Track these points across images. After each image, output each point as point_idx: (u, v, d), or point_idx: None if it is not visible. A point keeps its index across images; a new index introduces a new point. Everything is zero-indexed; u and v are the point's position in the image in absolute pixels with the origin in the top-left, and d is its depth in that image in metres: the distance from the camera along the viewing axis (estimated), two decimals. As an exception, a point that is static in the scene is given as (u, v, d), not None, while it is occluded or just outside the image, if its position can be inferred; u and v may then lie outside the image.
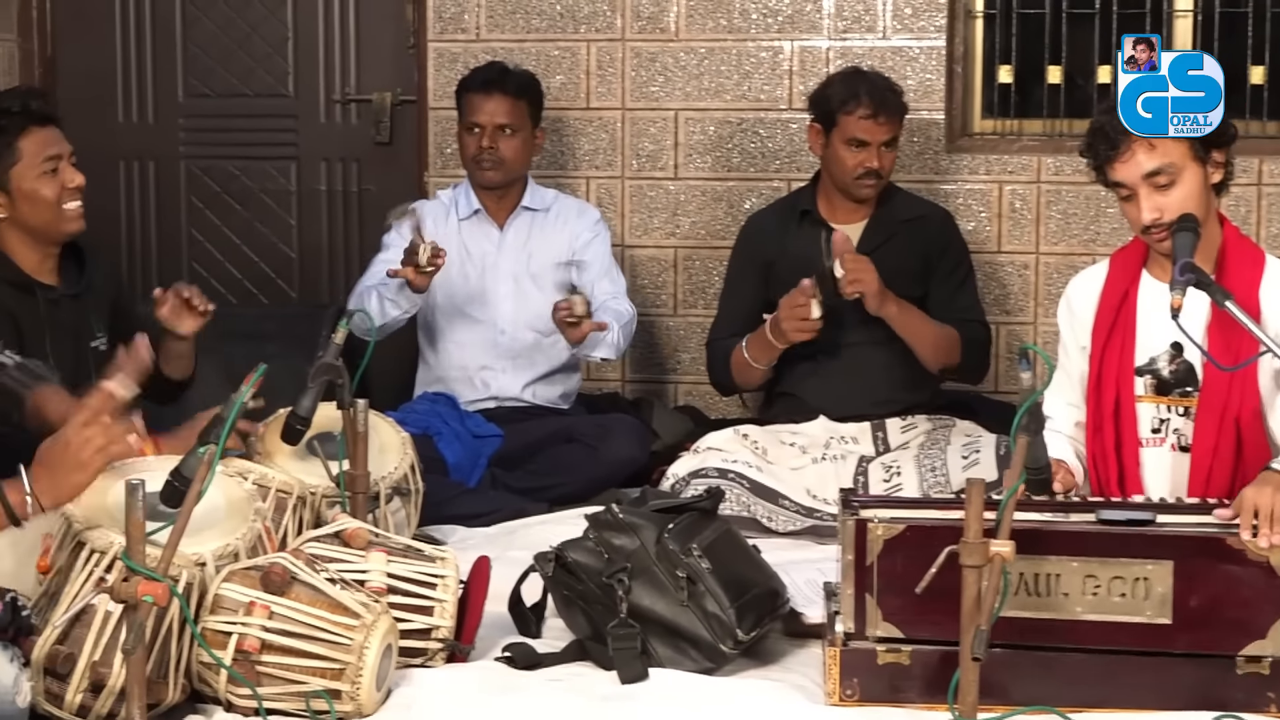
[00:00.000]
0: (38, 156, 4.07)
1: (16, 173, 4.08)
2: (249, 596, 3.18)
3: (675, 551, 3.47)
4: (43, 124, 4.12)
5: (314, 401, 3.77)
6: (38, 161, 4.07)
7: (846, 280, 4.55)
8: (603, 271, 5.17)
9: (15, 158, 4.07)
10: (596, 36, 5.65)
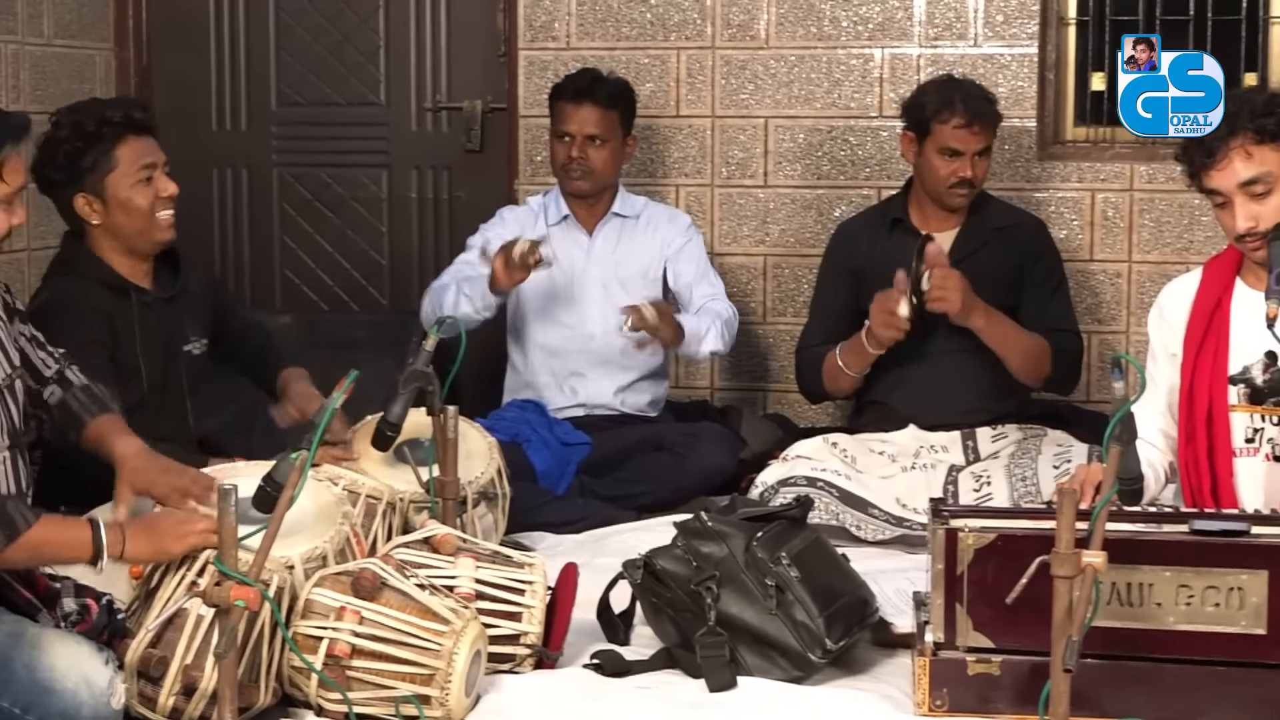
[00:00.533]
0: (133, 165, 4.11)
1: (112, 181, 4.12)
2: (340, 601, 3.20)
3: (764, 560, 3.46)
4: (140, 134, 4.16)
5: (405, 408, 3.79)
6: (133, 170, 4.11)
7: (930, 296, 4.53)
8: (699, 274, 5.17)
9: (111, 166, 4.11)
10: (687, 44, 5.65)
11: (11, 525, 3.03)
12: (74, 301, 4.06)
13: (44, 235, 5.55)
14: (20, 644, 3.04)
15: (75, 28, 5.79)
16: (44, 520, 3.11)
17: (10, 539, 3.03)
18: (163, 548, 3.19)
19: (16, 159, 3.24)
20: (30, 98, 5.53)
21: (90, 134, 4.12)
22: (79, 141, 4.13)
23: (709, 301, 5.08)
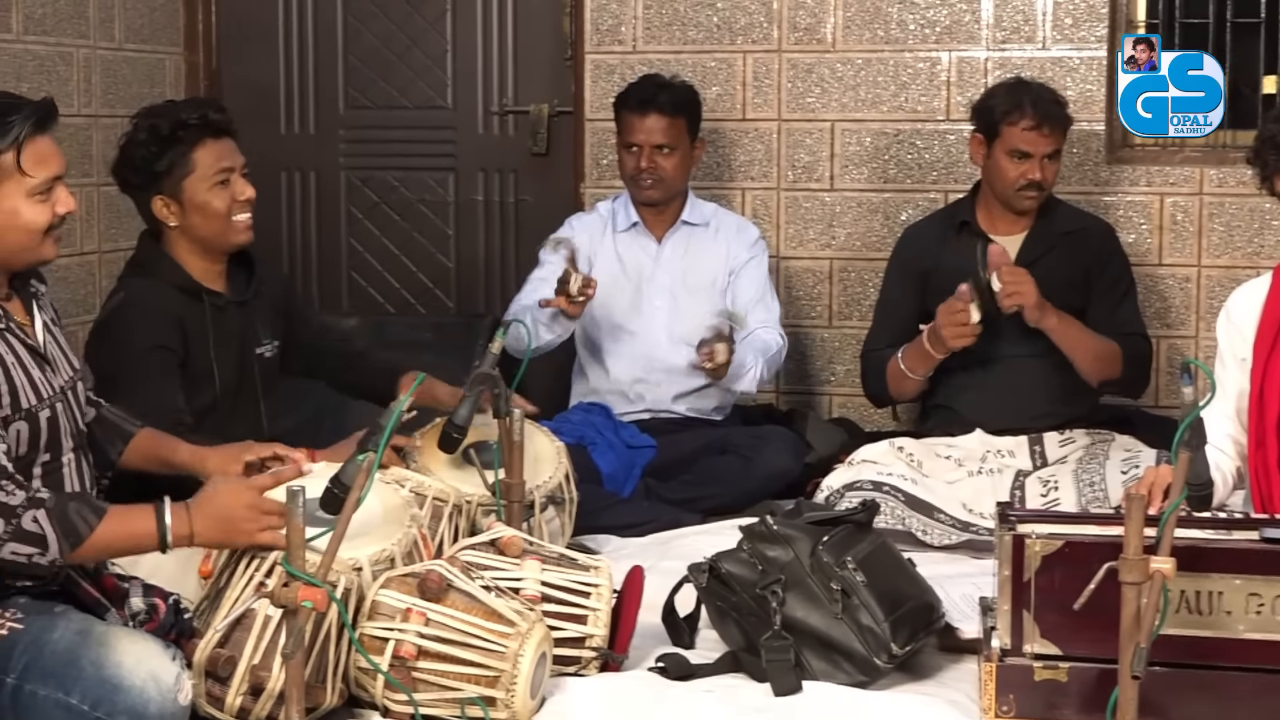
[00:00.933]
0: (211, 169, 4.13)
1: (189, 183, 4.13)
2: (406, 603, 3.21)
3: (830, 564, 3.46)
4: (218, 136, 4.17)
5: (471, 411, 3.81)
6: (210, 174, 4.12)
7: (1004, 293, 4.51)
8: (757, 297, 5.14)
9: (189, 169, 4.13)
10: (753, 48, 5.65)
11: (74, 531, 3.05)
12: (147, 304, 4.08)
13: (115, 237, 5.61)
14: (88, 641, 3.06)
15: (146, 32, 5.83)
16: (109, 516, 3.10)
17: (75, 545, 3.05)
18: (235, 535, 3.19)
19: (41, 146, 3.19)
20: (101, 101, 5.58)
21: (166, 137, 4.13)
22: (155, 145, 4.14)
23: (761, 329, 5.06)
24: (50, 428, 3.22)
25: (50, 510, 3.03)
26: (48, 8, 5.32)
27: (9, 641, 3.09)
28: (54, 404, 3.24)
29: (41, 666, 3.05)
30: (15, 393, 3.15)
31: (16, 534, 2.99)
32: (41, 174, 3.18)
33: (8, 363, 3.16)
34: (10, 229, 3.18)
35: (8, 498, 3.00)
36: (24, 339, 3.24)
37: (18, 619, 3.13)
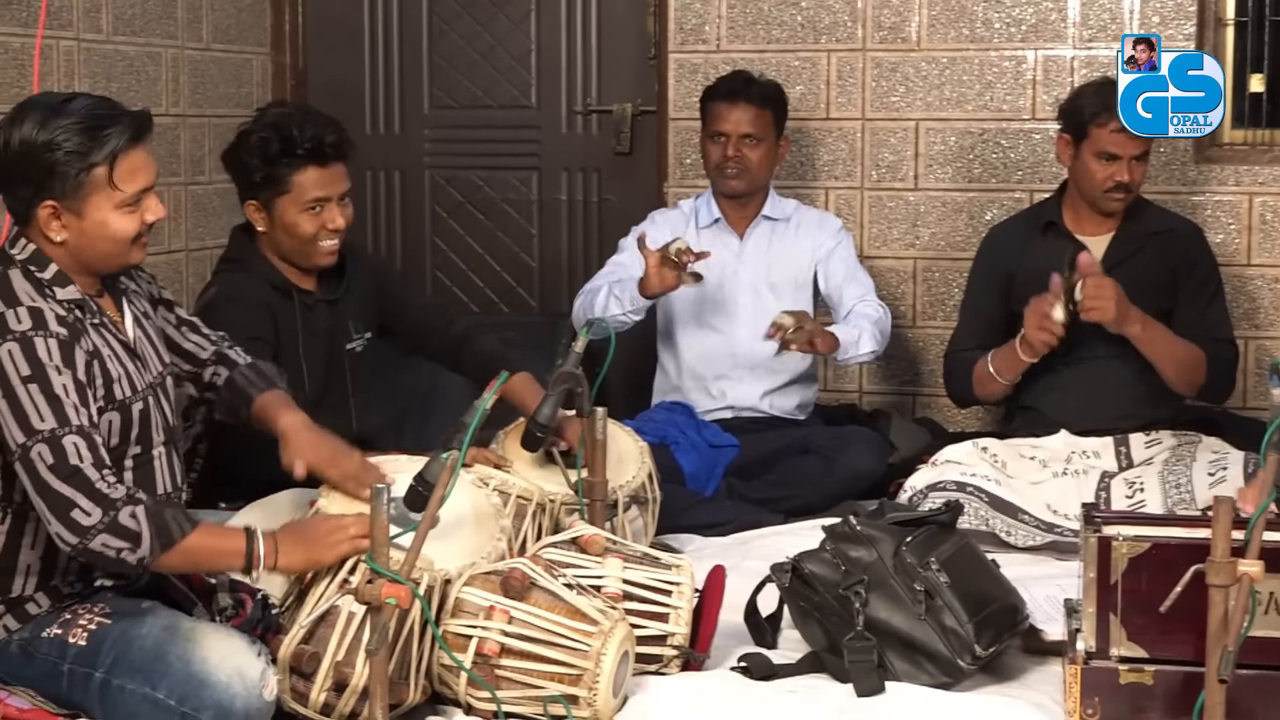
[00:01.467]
0: (304, 195, 4.13)
1: (282, 202, 4.14)
2: (489, 601, 3.22)
3: (913, 565, 3.44)
4: (324, 164, 4.15)
5: (554, 409, 3.81)
6: (303, 199, 4.13)
7: (1084, 306, 4.47)
8: (849, 276, 5.14)
9: (284, 189, 4.13)
10: (837, 46, 5.63)
11: (168, 534, 3.07)
12: (240, 297, 4.11)
13: (201, 236, 5.66)
14: (175, 637, 3.09)
15: (233, 32, 5.88)
16: (201, 529, 3.14)
17: (166, 547, 3.07)
18: (315, 557, 3.21)
19: (134, 159, 3.21)
20: (189, 101, 5.62)
21: (272, 156, 4.14)
22: (259, 158, 4.14)
23: (859, 303, 5.06)
24: (142, 420, 3.25)
25: (149, 510, 3.06)
26: (137, 8, 5.37)
27: (97, 636, 3.12)
28: (145, 397, 3.27)
29: (129, 661, 3.08)
30: (110, 384, 3.18)
31: (112, 526, 3.02)
32: (132, 187, 3.20)
33: (104, 354, 3.19)
34: (99, 238, 3.20)
35: (109, 489, 3.03)
36: (116, 334, 3.27)
37: (106, 614, 3.16)
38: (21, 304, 3.11)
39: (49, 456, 3.02)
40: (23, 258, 3.20)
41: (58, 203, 3.17)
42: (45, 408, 3.04)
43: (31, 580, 3.21)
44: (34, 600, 3.21)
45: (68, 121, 3.15)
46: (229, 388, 3.62)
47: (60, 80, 5.00)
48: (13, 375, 3.05)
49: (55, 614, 3.19)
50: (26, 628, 3.19)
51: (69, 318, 3.15)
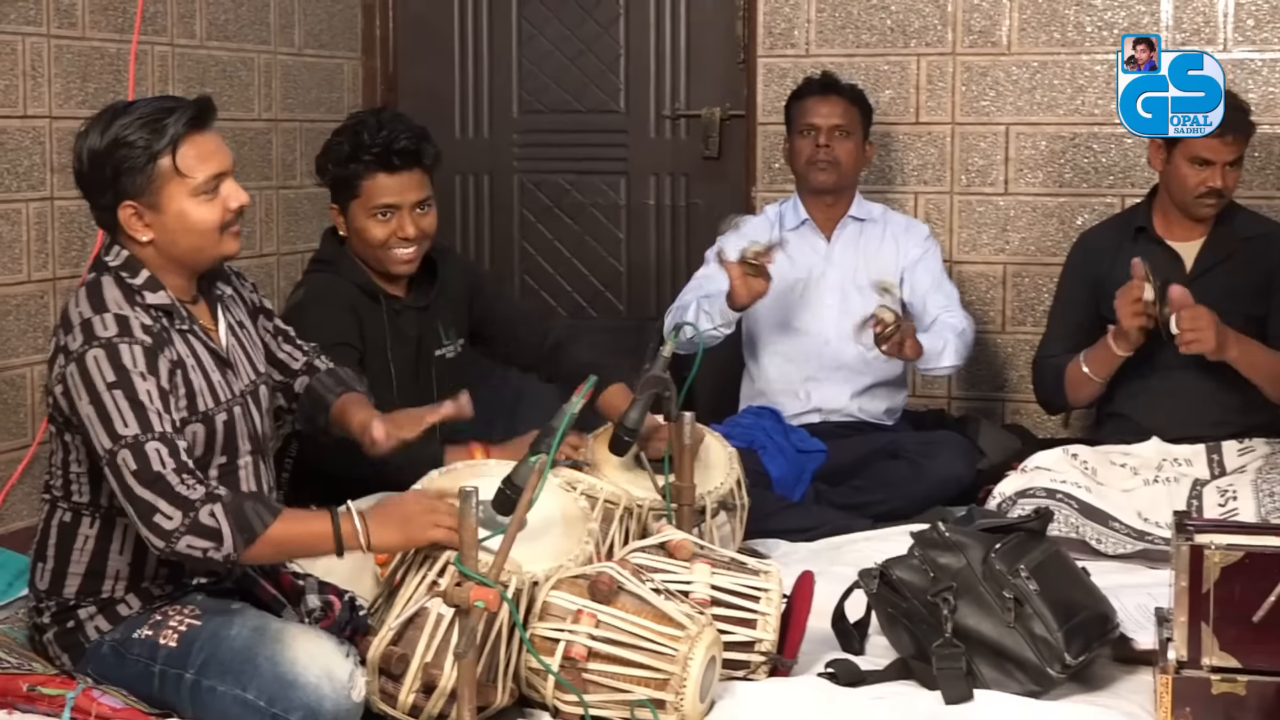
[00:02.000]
0: (372, 201, 4.14)
1: (354, 207, 4.17)
2: (577, 605, 3.22)
3: (1002, 572, 3.42)
4: (392, 171, 4.15)
5: (642, 413, 3.81)
6: (370, 205, 4.15)
7: (1182, 339, 4.42)
8: (934, 285, 5.11)
9: (355, 194, 4.16)
10: (927, 50, 5.60)
11: (249, 528, 3.08)
12: (328, 300, 4.13)
13: (293, 239, 5.70)
14: (264, 638, 3.11)
15: (325, 38, 5.92)
16: (283, 517, 3.14)
17: (249, 541, 3.08)
18: (410, 535, 3.20)
19: (199, 145, 3.22)
20: (281, 106, 5.67)
21: (342, 159, 4.16)
22: (332, 162, 4.18)
23: (943, 314, 5.03)
24: (226, 431, 3.26)
25: (227, 506, 3.06)
26: (230, 14, 5.42)
27: (188, 637, 3.14)
28: (231, 408, 3.28)
29: (219, 662, 3.10)
30: (193, 396, 3.20)
31: (193, 527, 3.03)
32: (201, 173, 3.21)
33: (188, 365, 3.21)
34: (183, 231, 3.22)
35: (188, 491, 3.05)
36: (207, 342, 3.28)
37: (196, 615, 3.19)
38: (108, 310, 3.14)
39: (133, 463, 3.04)
40: (115, 264, 3.23)
41: (135, 202, 3.19)
42: (129, 414, 3.07)
43: (121, 583, 3.24)
44: (125, 602, 3.24)
45: (128, 119, 3.19)
46: (307, 394, 3.64)
47: (154, 85, 5.05)
48: (99, 381, 3.08)
49: (146, 615, 3.22)
50: (118, 629, 3.22)
51: (155, 326, 3.17)
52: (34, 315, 4.69)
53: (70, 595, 3.25)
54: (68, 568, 3.25)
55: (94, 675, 3.22)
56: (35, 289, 4.69)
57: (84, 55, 4.82)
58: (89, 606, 3.24)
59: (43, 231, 4.71)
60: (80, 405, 3.09)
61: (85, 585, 3.24)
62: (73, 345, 3.12)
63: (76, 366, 3.10)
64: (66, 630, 3.25)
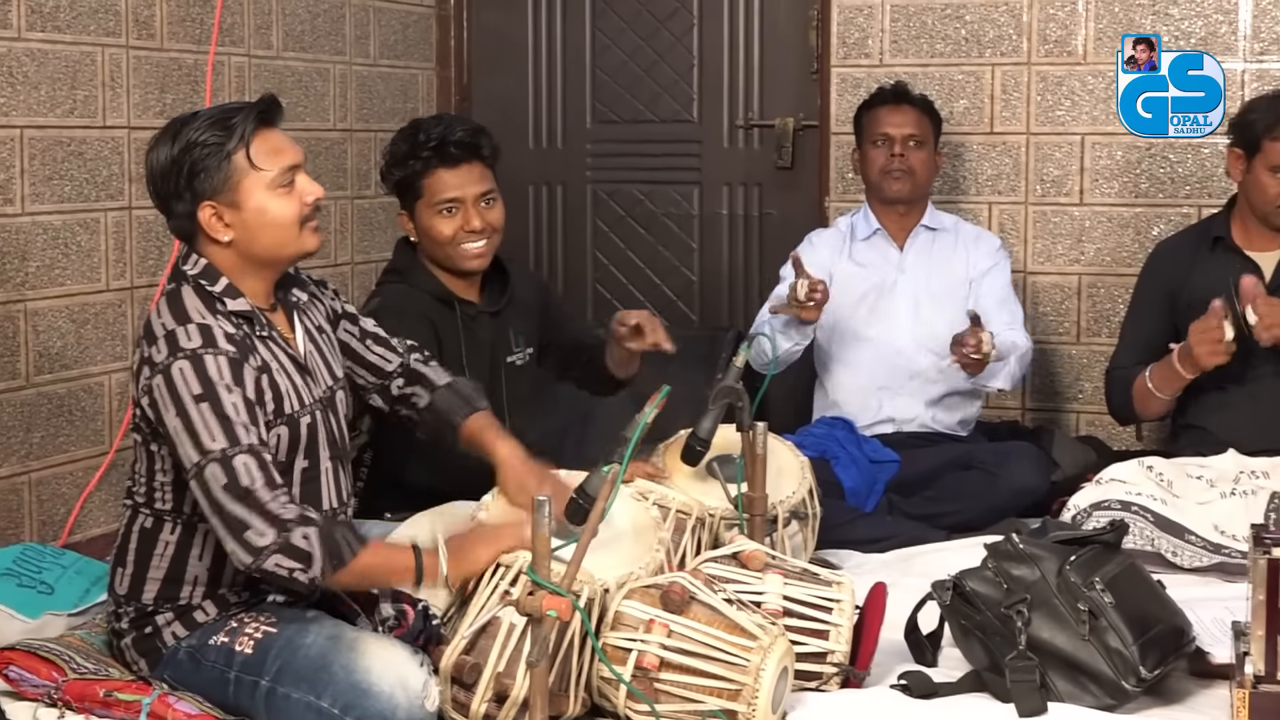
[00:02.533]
0: (435, 197, 4.17)
1: (419, 207, 4.20)
2: (649, 614, 3.22)
3: (1077, 584, 3.39)
4: (453, 165, 4.18)
5: (714, 423, 3.80)
6: (434, 201, 4.17)
7: (1262, 326, 4.38)
8: (1000, 301, 5.09)
9: (418, 194, 4.19)
10: (1002, 60, 5.58)
11: (339, 555, 3.11)
12: (402, 309, 4.15)
13: (367, 249, 5.73)
14: (338, 646, 3.12)
15: (400, 48, 5.95)
16: (370, 548, 3.18)
17: (337, 568, 3.11)
18: (475, 555, 3.24)
19: (269, 139, 3.25)
20: (356, 116, 5.70)
21: (400, 159, 4.20)
22: (394, 165, 4.22)
23: (1006, 331, 5.00)
24: (310, 434, 3.28)
25: (320, 530, 3.10)
26: (306, 25, 5.45)
27: (263, 644, 3.16)
28: (313, 411, 3.31)
29: (294, 670, 3.11)
30: (280, 398, 3.22)
31: (285, 547, 3.06)
32: (275, 165, 3.24)
33: (272, 369, 3.23)
34: (263, 227, 3.25)
35: (281, 510, 3.07)
36: (286, 349, 3.31)
37: (271, 623, 3.21)
38: (191, 320, 3.16)
39: (222, 476, 3.07)
40: (194, 273, 3.25)
41: (214, 201, 3.22)
42: (216, 427, 3.09)
43: (200, 589, 3.26)
44: (202, 608, 3.26)
45: (196, 123, 3.23)
46: (432, 412, 3.66)
47: (231, 95, 5.09)
48: (185, 394, 3.10)
49: (222, 621, 3.24)
50: (194, 635, 3.24)
51: (238, 334, 3.19)
52: (112, 324, 4.73)
53: (149, 601, 3.27)
54: (147, 573, 3.27)
55: (170, 681, 3.24)
56: (113, 298, 4.74)
57: (162, 66, 4.86)
58: (167, 612, 3.26)
59: (121, 240, 4.76)
60: (167, 418, 3.11)
61: (164, 591, 3.26)
62: (158, 357, 3.14)
63: (163, 379, 3.12)
64: (144, 636, 3.28)
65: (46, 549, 4.05)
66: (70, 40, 4.57)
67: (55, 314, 4.57)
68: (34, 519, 4.52)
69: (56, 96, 4.54)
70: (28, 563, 3.90)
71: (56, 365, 4.57)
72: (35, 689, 3.27)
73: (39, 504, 4.53)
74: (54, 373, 4.56)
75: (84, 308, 4.65)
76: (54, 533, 4.56)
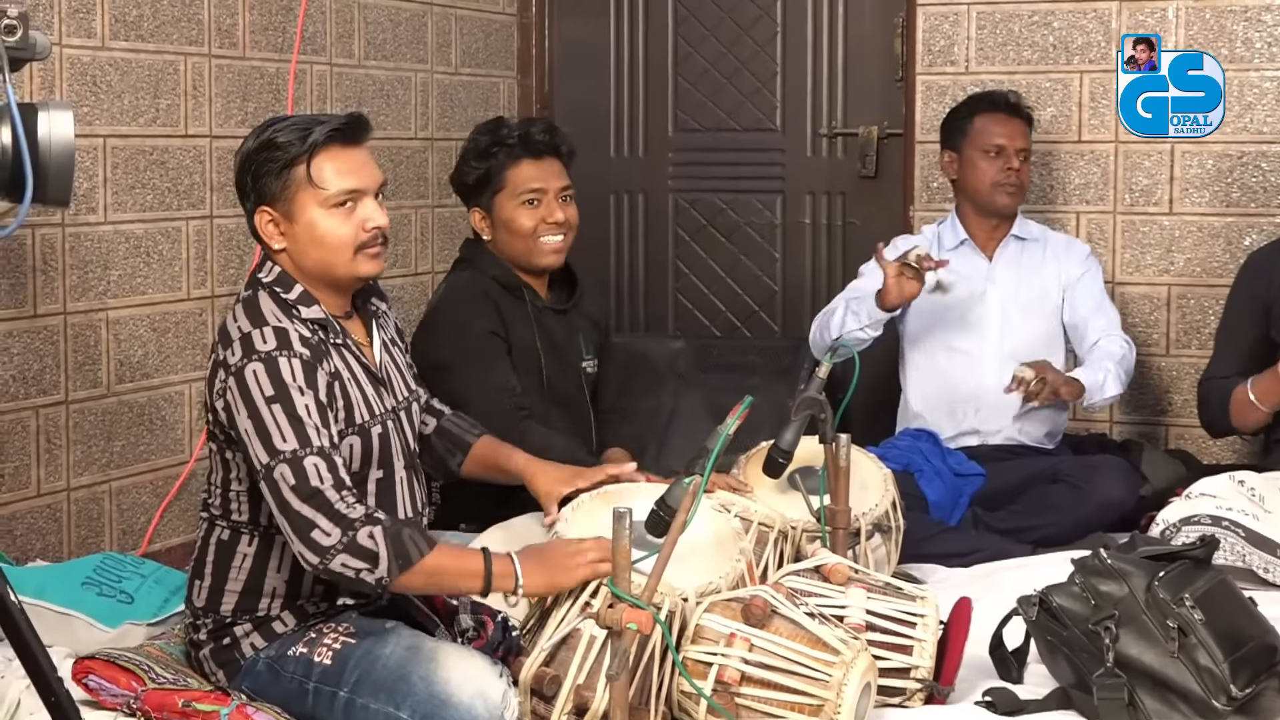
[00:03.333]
0: (519, 188, 4.20)
1: (499, 199, 4.23)
2: (730, 628, 3.20)
3: (1166, 600, 3.36)
4: (538, 157, 4.23)
5: (796, 435, 3.79)
6: (519, 192, 4.20)
7: None
8: (1095, 307, 5.06)
9: (499, 185, 4.23)
10: (1090, 68, 5.53)
11: (406, 555, 3.09)
12: (468, 294, 4.17)
13: (447, 259, 5.72)
14: (418, 657, 3.13)
15: (481, 57, 5.97)
16: (439, 549, 3.16)
17: (404, 568, 3.10)
18: (555, 581, 3.21)
19: (338, 159, 3.25)
20: (438, 125, 5.72)
21: (483, 151, 4.24)
22: (474, 159, 4.26)
23: (1103, 339, 4.96)
24: (382, 444, 3.29)
25: (386, 530, 3.09)
26: (388, 33, 5.48)
27: (342, 655, 3.17)
28: (386, 421, 3.31)
29: (373, 681, 3.12)
30: (351, 407, 3.23)
31: (350, 546, 3.06)
32: (335, 185, 3.24)
33: (344, 377, 3.24)
34: (311, 243, 3.25)
35: (347, 510, 3.07)
36: (360, 357, 3.32)
37: (350, 633, 3.21)
38: (268, 324, 3.18)
39: (291, 477, 3.07)
40: (269, 280, 3.27)
41: (271, 208, 3.24)
42: (288, 428, 3.09)
43: (278, 601, 3.27)
44: (280, 619, 3.27)
45: (281, 125, 3.24)
46: (440, 435, 3.67)
47: (313, 104, 5.12)
48: (257, 395, 3.11)
49: (301, 632, 3.25)
50: (273, 645, 3.25)
51: (313, 339, 3.20)
52: (193, 333, 4.77)
53: (227, 612, 3.29)
54: (225, 585, 3.29)
55: (248, 691, 3.25)
56: (194, 306, 4.77)
57: (244, 75, 4.89)
58: (245, 624, 3.28)
59: (202, 250, 4.79)
60: (239, 420, 3.13)
61: (242, 603, 3.28)
62: (232, 360, 3.16)
63: (236, 381, 3.14)
64: (222, 647, 3.29)
65: (126, 558, 4.08)
66: (153, 49, 4.61)
67: (136, 323, 4.60)
68: (114, 528, 4.56)
69: (139, 105, 4.58)
70: (107, 572, 3.93)
71: (137, 374, 4.61)
72: (114, 698, 3.29)
73: (119, 513, 4.57)
74: (134, 381, 4.60)
75: (165, 317, 4.69)
76: (134, 542, 4.59)
